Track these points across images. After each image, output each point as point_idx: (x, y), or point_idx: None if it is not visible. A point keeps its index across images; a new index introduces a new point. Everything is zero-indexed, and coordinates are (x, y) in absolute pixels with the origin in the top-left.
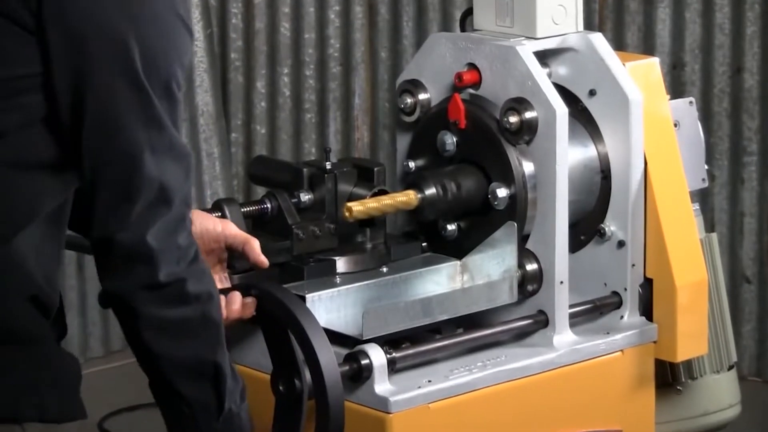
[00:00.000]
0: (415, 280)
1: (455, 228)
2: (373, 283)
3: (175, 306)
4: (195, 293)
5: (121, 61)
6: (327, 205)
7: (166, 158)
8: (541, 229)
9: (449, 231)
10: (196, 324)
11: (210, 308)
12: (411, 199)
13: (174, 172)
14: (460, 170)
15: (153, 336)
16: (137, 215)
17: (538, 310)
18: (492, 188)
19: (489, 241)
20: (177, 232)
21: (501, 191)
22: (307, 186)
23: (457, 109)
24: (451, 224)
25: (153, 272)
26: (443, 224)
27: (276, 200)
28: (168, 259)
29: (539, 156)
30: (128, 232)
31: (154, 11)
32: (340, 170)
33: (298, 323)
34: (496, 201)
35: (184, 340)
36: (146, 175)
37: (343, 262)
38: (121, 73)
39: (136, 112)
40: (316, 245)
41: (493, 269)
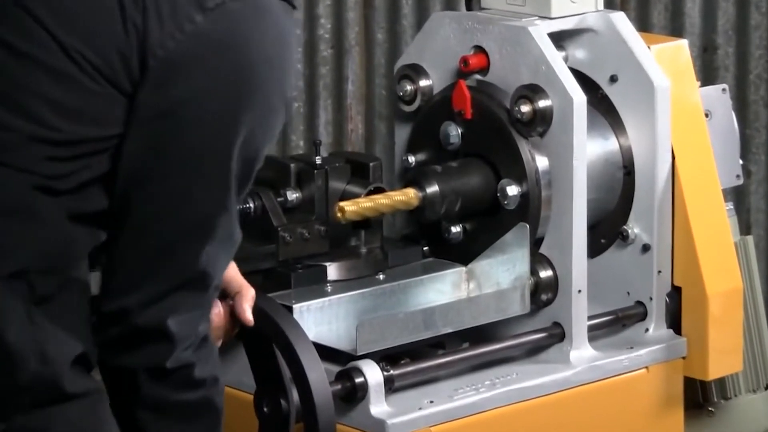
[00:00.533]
0: (416, 289)
1: (460, 230)
2: (368, 291)
3: (180, 390)
4: (201, 378)
5: (221, 142)
6: (317, 205)
7: (221, 247)
8: (557, 232)
9: (454, 233)
10: (196, 409)
11: (213, 393)
12: (410, 197)
13: (221, 261)
14: (466, 165)
15: (149, 416)
16: (168, 295)
17: (553, 322)
18: (501, 186)
19: (498, 244)
20: (201, 319)
21: (511, 189)
22: (295, 183)
23: (462, 98)
24: (455, 226)
25: (164, 357)
26: (447, 226)
27: (259, 199)
28: (183, 345)
29: (554, 150)
30: (152, 311)
31: (267, 98)
32: (332, 165)
33: (284, 337)
34: (506, 200)
35: (181, 424)
36: (198, 262)
37: (335, 268)
38: (213, 157)
39: (212, 201)
40: (304, 249)
41: (502, 276)
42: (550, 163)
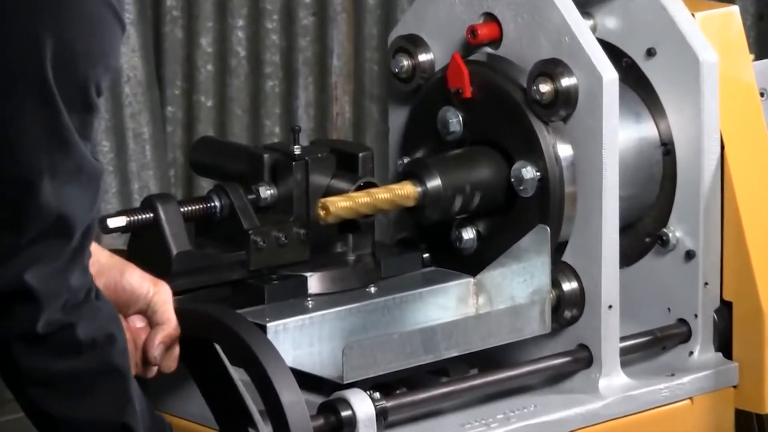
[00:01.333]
0: (414, 304)
1: (474, 236)
2: (357, 307)
3: (63, 357)
4: (88, 339)
5: (27, 64)
6: (295, 204)
7: (70, 183)
8: (583, 235)
9: (466, 240)
10: (93, 377)
11: (111, 355)
12: (408, 193)
13: (79, 200)
14: (474, 154)
15: (40, 394)
16: (22, 249)
17: (579, 344)
18: (516, 169)
19: (513, 251)
20: (70, 271)
21: (527, 171)
22: (269, 178)
23: (458, 74)
24: (467, 230)
25: (32, 320)
26: (456, 229)
27: (227, 197)
28: (53, 304)
29: (580, 137)
30: (5, 269)
31: (81, 5)
32: (314, 156)
33: (256, 361)
34: (522, 184)
35: (81, 399)
36: (42, 204)
37: (317, 279)
38: (24, 80)
39: (37, 129)
40: (280, 257)
41: (518, 289)
42: (575, 153)
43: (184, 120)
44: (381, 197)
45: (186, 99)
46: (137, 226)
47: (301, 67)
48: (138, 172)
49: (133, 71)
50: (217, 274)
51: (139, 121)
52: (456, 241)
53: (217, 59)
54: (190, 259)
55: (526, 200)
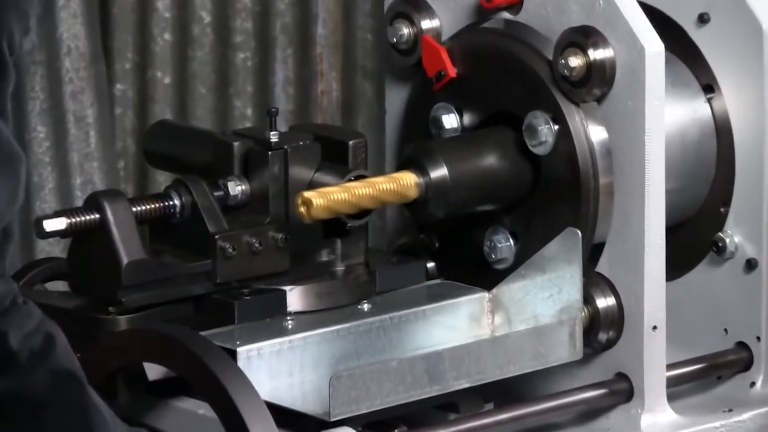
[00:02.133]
0: (416, 325)
1: (509, 243)
2: (346, 329)
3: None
4: (25, 346)
5: None
6: (271, 203)
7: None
8: (622, 240)
9: (503, 247)
10: (42, 391)
11: (55, 358)
12: (408, 185)
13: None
14: (488, 137)
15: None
16: None
17: (617, 373)
18: (528, 122)
19: (537, 260)
20: None
21: (541, 125)
22: (240, 170)
23: (433, 54)
24: (498, 235)
25: None
26: (490, 240)
27: (188, 194)
28: None
29: (617, 121)
30: None
31: None
32: (294, 144)
33: (223, 394)
34: (535, 141)
35: (34, 423)
36: None
37: (299, 294)
38: None
39: None
40: (254, 267)
41: (542, 306)
42: (611, 139)
43: (136, 100)
44: (377, 189)
45: (139, 75)
46: (80, 229)
47: (279, 36)
48: (80, 164)
49: (74, 41)
50: (176, 288)
51: (82, 101)
52: (491, 252)
53: (176, 26)
54: (143, 269)
55: (552, 193)
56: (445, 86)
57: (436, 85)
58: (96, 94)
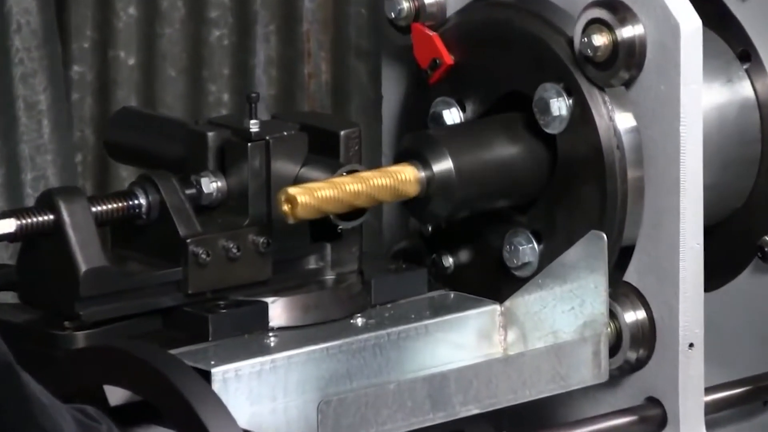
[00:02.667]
0: (418, 342)
1: (530, 239)
2: (337, 347)
3: None
4: None
5: None
6: (251, 202)
7: None
8: (653, 244)
9: (525, 249)
10: None
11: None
12: (407, 181)
13: None
14: (499, 123)
15: None
16: None
17: (648, 397)
18: (538, 99)
19: (556, 267)
20: None
21: (552, 96)
22: (216, 164)
23: (425, 42)
24: (518, 234)
25: None
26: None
27: (156, 191)
28: None
29: (648, 107)
30: None
31: None
32: (277, 135)
33: (195, 421)
34: (547, 117)
35: None
36: None
37: (283, 307)
38: None
39: None
40: (231, 275)
41: (562, 321)
42: (641, 128)
43: (96, 84)
44: (372, 185)
45: (99, 55)
46: (31, 232)
47: (260, 10)
48: (32, 157)
49: (25, 17)
50: (142, 300)
51: (34, 86)
52: (511, 257)
53: (142, 0)
54: (104, 278)
55: (573, 190)
56: (443, 78)
57: (432, 77)
58: (50, 77)
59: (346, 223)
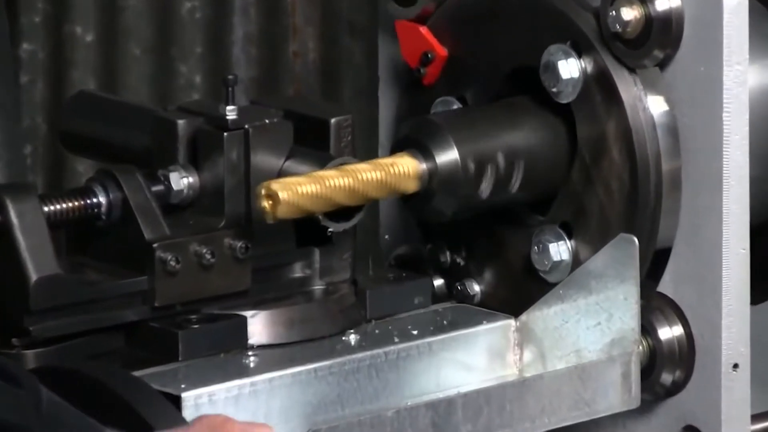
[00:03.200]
0: (420, 363)
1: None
2: (327, 368)
3: None
4: None
5: None
6: (229, 200)
7: None
8: (691, 249)
9: (556, 247)
10: None
11: None
12: (406, 174)
13: None
14: (511, 107)
15: None
16: None
17: (686, 426)
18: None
19: (579, 275)
20: None
21: (560, 58)
22: (186, 157)
23: (414, 38)
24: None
25: None
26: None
27: (118, 188)
28: None
29: (686, 90)
30: None
31: None
32: (258, 124)
33: None
34: (554, 81)
35: None
36: None
37: (264, 321)
38: None
39: None
40: (205, 285)
41: (587, 337)
42: (679, 115)
43: (48, 64)
44: (365, 178)
45: (52, 31)
46: None
47: None
48: None
49: None
50: (102, 314)
51: None
52: (541, 259)
53: None
54: (58, 288)
55: (598, 185)
56: (439, 77)
57: (426, 76)
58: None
59: (336, 224)
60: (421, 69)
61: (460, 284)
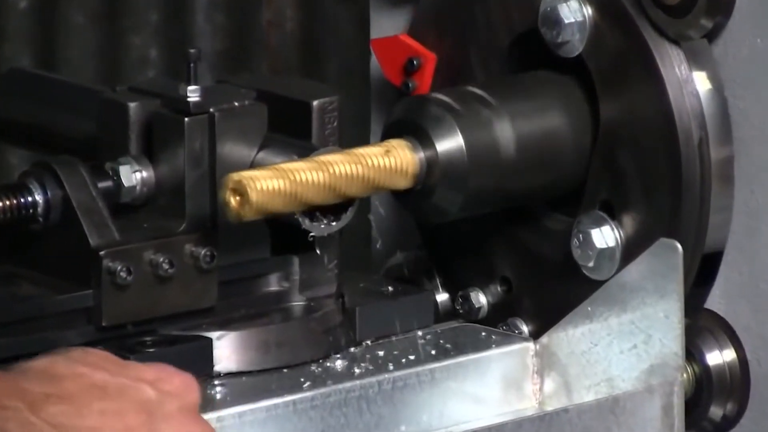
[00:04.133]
0: (420, 394)
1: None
2: (309, 400)
3: None
4: None
5: None
6: (190, 198)
7: None
8: (746, 256)
9: (600, 233)
10: None
11: None
12: (400, 165)
13: None
14: (525, 83)
15: None
16: None
17: None
18: (544, 15)
19: (611, 288)
20: None
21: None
22: (140, 147)
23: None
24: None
25: None
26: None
27: (58, 185)
28: None
29: (740, 67)
30: None
31: None
32: (225, 107)
33: None
34: (556, 31)
35: None
36: None
37: (233, 344)
38: None
39: None
40: (161, 301)
41: (621, 363)
42: (730, 96)
43: None
44: (350, 171)
45: None
46: None
47: None
48: None
49: None
50: (38, 334)
51: None
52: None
53: None
54: None
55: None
56: (434, 80)
57: (416, 88)
58: None
59: (320, 227)
60: (409, 83)
61: (463, 295)
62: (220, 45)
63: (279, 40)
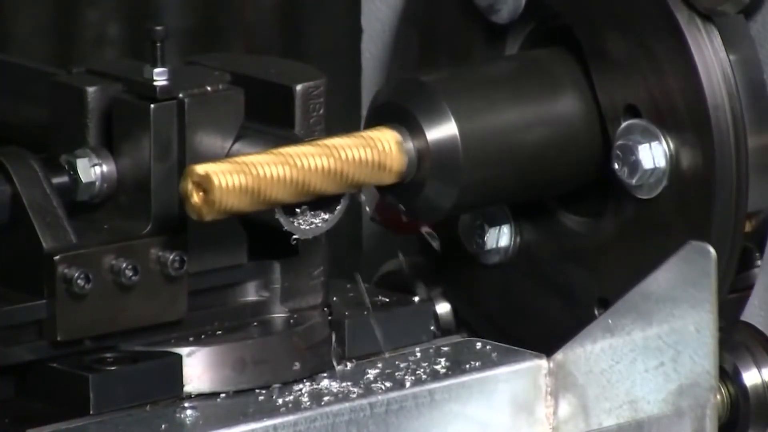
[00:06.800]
0: (419, 418)
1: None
2: (291, 425)
3: None
4: None
5: None
6: (156, 196)
7: None
8: None
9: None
10: None
11: None
12: (385, 155)
13: None
14: (528, 65)
15: None
16: None
17: None
18: None
19: (635, 298)
20: None
21: None
22: (99, 138)
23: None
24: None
25: None
26: None
27: (7, 180)
28: None
29: None
30: None
31: None
32: (196, 92)
33: None
34: None
35: None
36: None
37: (204, 361)
38: None
39: None
40: (124, 313)
41: (647, 383)
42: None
43: None
44: (320, 164)
45: None
46: None
47: None
48: None
49: None
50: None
51: None
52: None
53: None
54: None
55: None
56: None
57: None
58: None
59: (303, 228)
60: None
61: None
62: (190, 22)
63: (256, 14)
